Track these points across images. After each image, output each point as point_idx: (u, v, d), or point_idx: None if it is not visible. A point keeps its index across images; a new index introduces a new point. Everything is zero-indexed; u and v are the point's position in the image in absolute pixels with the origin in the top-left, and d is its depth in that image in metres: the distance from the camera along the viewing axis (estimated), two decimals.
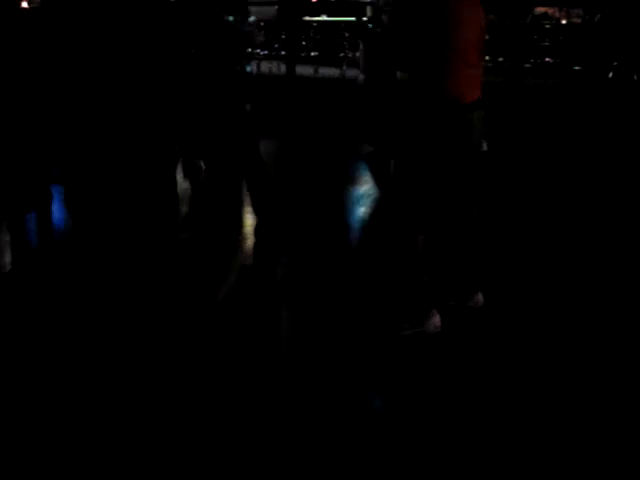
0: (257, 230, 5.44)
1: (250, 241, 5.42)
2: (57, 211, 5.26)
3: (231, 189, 5.47)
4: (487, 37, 3.76)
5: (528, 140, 8.30)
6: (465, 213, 3.88)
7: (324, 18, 13.32)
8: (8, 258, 4.64)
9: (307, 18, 13.01)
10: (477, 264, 4.02)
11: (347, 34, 11.95)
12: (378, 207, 6.27)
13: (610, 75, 9.16)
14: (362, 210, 6.27)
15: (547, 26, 11.97)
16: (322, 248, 5.30)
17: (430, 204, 3.70)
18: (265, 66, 12.07)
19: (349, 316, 4.13)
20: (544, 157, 7.97)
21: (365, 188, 6.93)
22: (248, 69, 5.44)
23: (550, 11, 13.01)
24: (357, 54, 11.19)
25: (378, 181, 7.11)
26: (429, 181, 3.62)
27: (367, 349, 3.73)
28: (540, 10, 12.86)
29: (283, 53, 11.85)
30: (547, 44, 11.56)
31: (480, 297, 4.08)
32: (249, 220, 5.80)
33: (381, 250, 4.98)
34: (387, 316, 3.97)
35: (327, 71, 11.45)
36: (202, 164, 6.02)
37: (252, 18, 5.55)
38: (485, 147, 3.74)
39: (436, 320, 3.79)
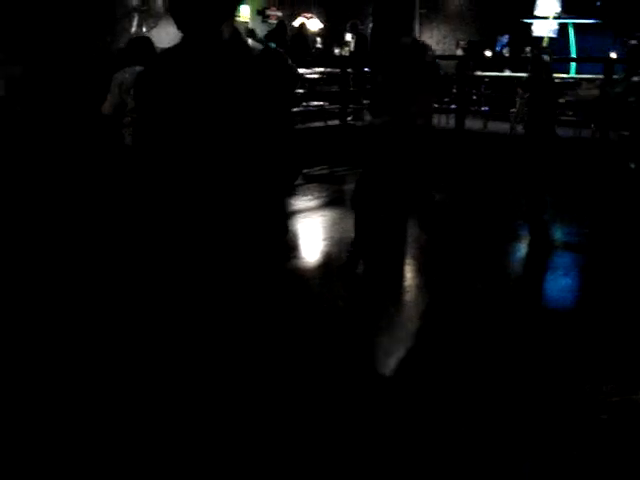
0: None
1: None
2: None
3: None
4: None
5: None
6: None
7: (496, 73, 13.27)
8: None
9: (479, 73, 13.02)
10: None
11: (519, 90, 11.82)
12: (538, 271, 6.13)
13: None
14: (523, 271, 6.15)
15: None
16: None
17: None
18: (435, 119, 12.16)
19: None
20: None
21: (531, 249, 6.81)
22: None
23: None
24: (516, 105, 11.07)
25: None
26: None
27: None
28: None
29: (453, 107, 11.92)
30: None
31: None
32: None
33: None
34: None
35: (497, 126, 11.38)
36: None
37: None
38: None
39: None
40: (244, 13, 19.86)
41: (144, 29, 15.41)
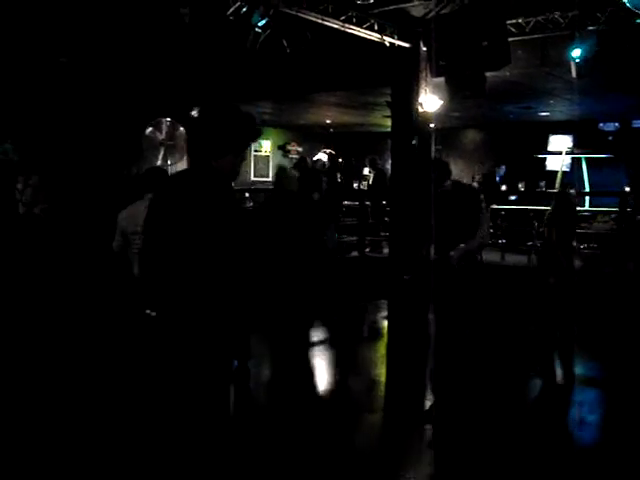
0: None
1: None
2: None
3: None
4: None
5: None
6: None
7: (512, 206, 13.53)
8: None
9: (495, 206, 13.27)
10: None
11: (535, 223, 12.01)
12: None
13: None
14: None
15: None
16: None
17: None
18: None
19: None
20: None
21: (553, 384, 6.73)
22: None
23: None
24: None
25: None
26: None
27: None
28: None
29: None
30: None
31: None
32: None
33: None
34: None
35: (514, 258, 11.48)
36: None
37: None
38: None
39: None
40: (265, 147, 20.57)
41: (169, 162, 15.94)
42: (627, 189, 13.53)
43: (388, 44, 9.41)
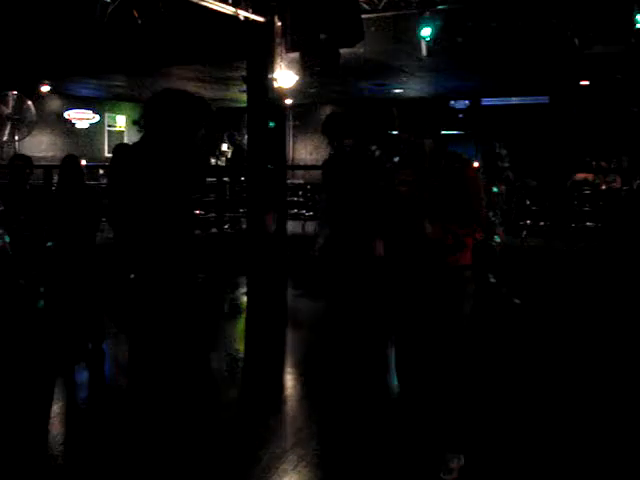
0: None
1: None
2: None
3: None
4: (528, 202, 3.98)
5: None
6: None
7: None
8: None
9: None
10: None
11: None
12: None
13: None
14: None
15: (587, 192, 12.25)
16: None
17: None
18: (310, 226, 12.46)
19: None
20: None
21: None
22: None
23: (590, 177, 13.38)
24: None
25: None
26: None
27: None
28: (580, 177, 13.23)
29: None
30: (587, 209, 11.78)
31: None
32: None
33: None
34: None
35: None
36: None
37: None
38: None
39: None
40: (120, 122, 19.99)
41: (16, 137, 15.18)
42: (476, 164, 14.08)
43: (243, 18, 9.28)
